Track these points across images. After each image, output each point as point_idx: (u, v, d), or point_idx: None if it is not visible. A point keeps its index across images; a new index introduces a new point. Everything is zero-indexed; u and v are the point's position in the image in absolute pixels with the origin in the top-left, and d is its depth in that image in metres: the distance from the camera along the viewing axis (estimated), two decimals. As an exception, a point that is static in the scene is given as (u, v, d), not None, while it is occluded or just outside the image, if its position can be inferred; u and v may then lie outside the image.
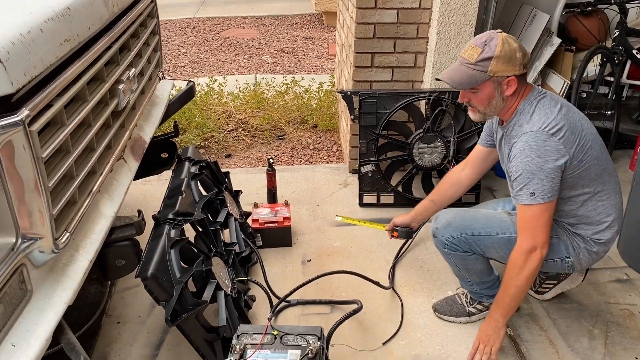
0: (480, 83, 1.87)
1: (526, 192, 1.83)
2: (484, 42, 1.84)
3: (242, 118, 4.12)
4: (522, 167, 1.83)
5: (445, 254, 2.13)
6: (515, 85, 1.87)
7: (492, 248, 2.06)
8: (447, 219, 2.08)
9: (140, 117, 2.41)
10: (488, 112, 1.95)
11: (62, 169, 1.43)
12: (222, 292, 2.05)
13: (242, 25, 7.65)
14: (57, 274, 1.50)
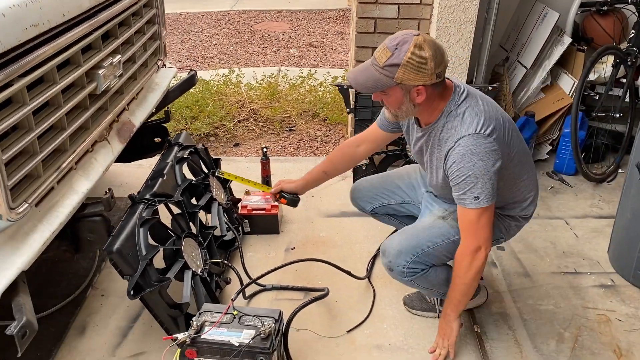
0: (387, 88, 1.78)
1: (470, 196, 1.80)
2: (395, 46, 1.72)
3: (254, 109, 4.22)
4: (466, 172, 1.79)
5: (408, 282, 2.07)
6: (425, 95, 1.78)
7: (443, 255, 2.05)
8: (395, 247, 2.02)
9: (133, 102, 2.54)
10: (400, 114, 1.89)
11: (18, 145, 1.54)
12: (189, 271, 2.15)
13: (275, 18, 7.76)
14: (16, 242, 1.62)
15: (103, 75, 2.05)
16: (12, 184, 1.54)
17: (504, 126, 1.88)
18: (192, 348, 1.90)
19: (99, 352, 2.17)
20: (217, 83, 4.56)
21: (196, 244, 2.29)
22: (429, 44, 1.73)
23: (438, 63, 1.75)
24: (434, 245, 2.01)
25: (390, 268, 2.04)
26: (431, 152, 1.96)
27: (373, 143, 2.28)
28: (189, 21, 7.57)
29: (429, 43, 1.74)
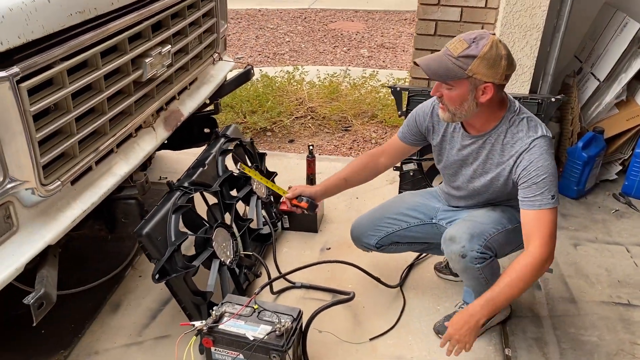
0: (456, 80, 1.77)
1: (548, 195, 1.79)
2: (473, 39, 1.75)
3: (312, 106, 4.22)
4: (545, 171, 1.80)
5: (476, 271, 1.97)
6: (491, 94, 1.77)
7: (504, 245, 2.01)
8: (467, 232, 1.93)
9: (184, 92, 2.61)
10: (458, 113, 1.85)
11: (54, 125, 1.62)
12: (217, 260, 2.18)
13: (351, 18, 7.75)
14: (47, 217, 1.71)
15: (150, 64, 2.11)
16: (46, 161, 1.62)
17: None
18: (209, 337, 1.93)
19: (127, 330, 2.25)
20: (280, 79, 4.60)
21: (228, 234, 2.32)
22: (503, 45, 1.77)
23: (509, 65, 1.78)
24: (499, 231, 1.97)
25: (462, 254, 1.92)
26: (485, 159, 1.96)
27: (393, 155, 2.25)
28: (266, 17, 7.72)
29: (504, 44, 1.78)
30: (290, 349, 1.92)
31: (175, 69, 2.37)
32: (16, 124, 1.48)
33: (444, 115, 1.89)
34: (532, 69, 2.97)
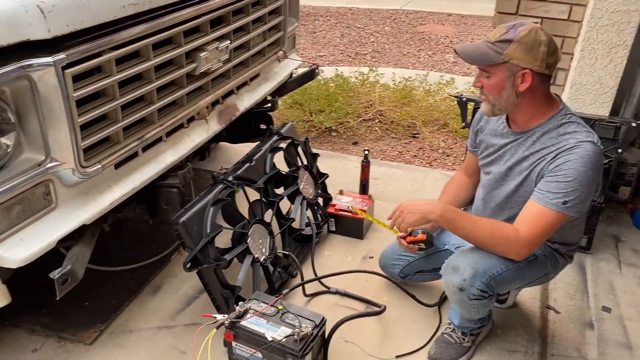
0: (492, 65, 1.71)
1: (561, 198, 1.70)
2: (512, 26, 1.70)
3: (382, 110, 4.15)
4: (575, 175, 1.69)
5: (470, 306, 1.89)
6: (530, 81, 1.70)
7: (507, 282, 1.90)
8: (472, 266, 1.83)
9: (244, 87, 2.65)
10: (497, 104, 1.78)
11: (97, 111, 1.70)
12: (251, 256, 2.19)
13: (442, 21, 7.54)
14: (86, 197, 1.80)
15: (205, 58, 2.16)
16: (87, 145, 1.70)
17: None
18: (230, 331, 1.95)
19: (162, 313, 2.33)
20: (354, 80, 4.57)
21: (266, 232, 2.33)
22: (545, 33, 1.71)
23: (551, 52, 1.70)
24: (505, 269, 1.85)
25: (461, 288, 1.83)
26: (521, 159, 1.85)
27: (472, 171, 2.18)
28: (355, 16, 7.70)
29: (546, 33, 1.71)
30: (307, 354, 1.90)
31: (233, 64, 2.41)
32: (59, 108, 1.57)
33: (485, 108, 1.83)
34: (614, 89, 2.73)
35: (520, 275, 1.91)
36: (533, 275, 1.94)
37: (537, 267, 1.93)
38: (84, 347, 2.15)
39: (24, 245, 1.58)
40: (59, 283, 1.63)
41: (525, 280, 1.96)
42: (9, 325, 2.23)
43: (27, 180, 1.57)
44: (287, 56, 3.02)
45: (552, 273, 2.00)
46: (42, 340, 2.18)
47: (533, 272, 1.93)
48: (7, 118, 1.51)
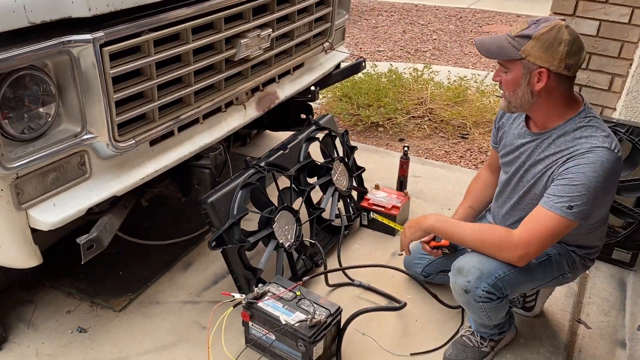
0: (509, 60, 1.67)
1: (565, 203, 1.64)
2: (535, 21, 1.65)
3: (432, 108, 4.09)
4: (583, 180, 1.63)
5: (478, 308, 1.85)
6: (545, 83, 1.64)
7: (519, 284, 1.85)
8: (477, 267, 1.80)
9: (286, 76, 2.69)
10: (512, 100, 1.74)
11: (133, 89, 1.78)
12: (275, 241, 2.23)
13: (510, 22, 7.30)
14: (120, 171, 1.89)
15: (245, 45, 2.21)
16: (121, 121, 1.79)
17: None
18: (247, 311, 2.00)
19: (189, 288, 2.41)
20: (407, 76, 4.52)
21: (293, 219, 2.36)
22: (570, 31, 1.64)
23: (572, 53, 1.63)
24: (514, 270, 1.80)
25: (466, 289, 1.81)
26: (535, 162, 1.80)
27: (498, 166, 2.11)
28: (420, 13, 7.59)
29: (571, 31, 1.64)
30: (319, 341, 1.93)
31: (274, 53, 2.45)
32: (96, 84, 1.66)
33: (502, 103, 1.80)
34: (675, 100, 2.57)
35: (532, 277, 1.86)
36: (547, 275, 1.88)
37: (550, 267, 1.87)
38: (113, 313, 2.27)
39: (56, 210, 1.69)
40: (84, 248, 1.73)
41: (539, 281, 1.90)
42: (49, 287, 2.39)
43: (64, 150, 1.67)
44: (333, 48, 3.03)
45: (570, 274, 1.93)
46: (77, 303, 2.31)
47: (547, 272, 1.87)
48: (48, 90, 1.62)
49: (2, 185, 1.55)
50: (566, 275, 1.93)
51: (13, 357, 2.05)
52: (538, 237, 1.68)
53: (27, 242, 1.68)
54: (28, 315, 2.24)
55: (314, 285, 2.40)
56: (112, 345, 2.11)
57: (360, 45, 6.24)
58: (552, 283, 1.95)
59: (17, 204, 1.61)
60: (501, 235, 1.76)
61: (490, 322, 1.92)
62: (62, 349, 2.09)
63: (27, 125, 1.59)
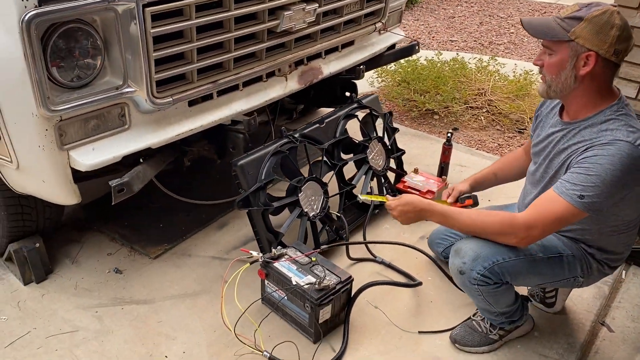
0: (557, 41, 1.64)
1: (577, 192, 1.61)
2: (587, 4, 1.63)
3: (492, 99, 4.00)
4: (599, 171, 1.59)
5: (475, 291, 1.85)
6: (593, 65, 1.61)
7: (521, 274, 1.81)
8: (474, 249, 1.80)
9: (334, 53, 2.75)
10: (553, 85, 1.70)
11: (172, 49, 1.91)
12: (299, 209, 2.32)
13: (599, 20, 6.92)
14: (158, 125, 2.04)
15: (289, 17, 2.29)
16: (160, 78, 1.93)
17: None
18: (263, 270, 2.11)
19: (220, 246, 2.56)
20: (472, 66, 4.43)
21: (321, 190, 2.44)
22: (622, 17, 1.62)
23: (622, 39, 1.61)
24: (516, 257, 1.79)
25: (461, 271, 1.83)
26: (559, 151, 1.78)
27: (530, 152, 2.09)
28: (502, 6, 7.35)
29: (622, 17, 1.62)
30: (326, 305, 2.00)
31: (320, 28, 2.51)
32: (138, 42, 1.80)
33: (541, 88, 1.76)
34: None
35: (538, 271, 1.82)
36: (555, 274, 1.84)
37: (560, 267, 1.83)
38: (148, 260, 2.45)
39: (94, 153, 1.86)
40: (114, 190, 1.90)
41: (546, 278, 1.86)
42: (96, 231, 2.62)
43: (105, 100, 1.83)
44: (387, 29, 3.05)
45: (582, 278, 1.87)
46: (117, 247, 2.52)
47: (555, 270, 1.83)
48: (95, 44, 1.78)
49: (47, 125, 1.73)
50: (577, 279, 1.87)
51: (55, 287, 2.28)
52: (543, 220, 1.66)
53: (67, 180, 1.87)
54: (74, 253, 2.47)
55: (336, 259, 2.46)
56: (142, 287, 2.30)
57: (433, 34, 6.16)
58: (562, 284, 1.91)
59: (60, 145, 1.79)
60: (504, 218, 1.75)
61: (493, 308, 1.91)
62: (98, 285, 2.29)
63: (75, 74, 1.76)
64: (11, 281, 2.29)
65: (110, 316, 2.14)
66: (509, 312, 1.96)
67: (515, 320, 2.02)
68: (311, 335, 2.05)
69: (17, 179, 1.95)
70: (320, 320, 2.01)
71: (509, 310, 1.95)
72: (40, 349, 1.99)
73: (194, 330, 2.10)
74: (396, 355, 2.03)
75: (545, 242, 1.83)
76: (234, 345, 2.01)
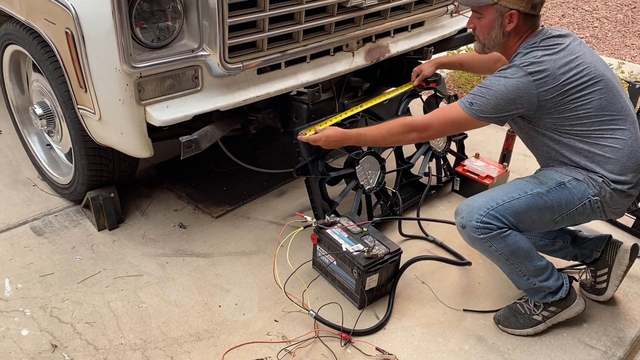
0: (483, 6, 1.89)
1: (470, 99, 1.88)
2: None
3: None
4: (490, 84, 1.84)
5: (483, 243, 1.87)
6: (516, 21, 1.87)
7: (524, 213, 1.86)
8: (468, 203, 1.93)
9: (402, 33, 2.78)
10: (487, 43, 1.97)
11: (245, 17, 2.02)
12: (355, 182, 2.39)
13: (694, 18, 6.49)
14: (227, 90, 2.16)
15: (359, -7, 2.34)
16: (233, 44, 2.04)
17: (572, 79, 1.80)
18: (316, 235, 2.20)
19: (277, 212, 2.68)
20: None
21: (379, 165, 2.49)
22: None
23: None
24: (510, 199, 1.86)
25: (462, 225, 1.90)
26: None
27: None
28: (588, -1, 7.05)
29: None
30: (373, 273, 2.07)
31: (390, 6, 2.54)
32: (214, 8, 1.91)
33: (476, 46, 2.01)
34: None
35: (543, 204, 1.86)
36: (565, 203, 1.86)
37: (568, 194, 1.86)
38: (210, 218, 2.61)
39: (168, 111, 2.00)
40: (184, 146, 2.03)
41: (555, 210, 1.87)
42: (166, 188, 2.80)
43: (181, 61, 1.96)
44: (459, 12, 3.03)
45: (596, 197, 1.87)
46: (184, 204, 2.69)
47: (563, 199, 1.86)
48: (176, 8, 1.91)
49: (128, 81, 1.89)
50: (593, 201, 1.87)
51: (125, 234, 2.47)
52: (439, 121, 1.96)
53: (142, 134, 2.02)
54: (144, 206, 2.66)
55: (388, 234, 2.50)
56: (202, 242, 2.45)
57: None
58: (580, 213, 1.89)
59: (138, 100, 1.94)
60: (405, 120, 2.04)
61: (517, 268, 1.92)
62: (163, 237, 2.47)
63: (155, 35, 1.90)
64: (87, 226, 2.50)
65: (172, 265, 2.30)
66: (539, 271, 1.93)
67: (554, 292, 1.97)
68: (357, 301, 2.12)
69: (98, 130, 2.13)
70: (366, 287, 2.08)
71: (538, 268, 1.92)
72: (108, 287, 2.18)
73: (247, 285, 2.22)
74: (438, 329, 2.07)
75: (542, 178, 1.91)
76: (283, 303, 2.11)
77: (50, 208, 2.60)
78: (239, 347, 1.94)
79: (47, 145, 2.78)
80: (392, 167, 2.64)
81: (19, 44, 2.38)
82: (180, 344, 1.95)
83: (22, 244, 2.38)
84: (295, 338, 1.98)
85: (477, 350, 1.99)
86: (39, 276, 2.21)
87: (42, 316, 2.03)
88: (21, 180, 2.81)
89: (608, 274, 2.11)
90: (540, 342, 2.03)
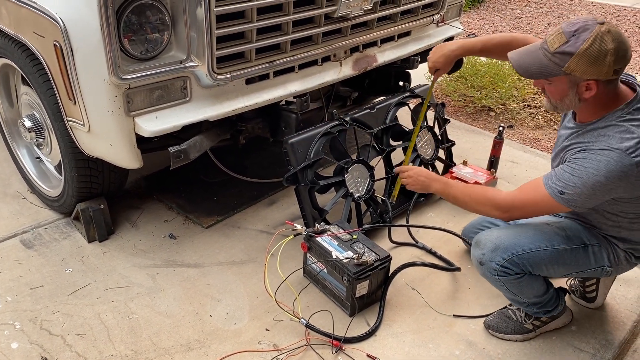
0: (553, 77, 1.63)
1: (560, 187, 1.68)
2: (573, 32, 1.56)
3: (551, 99, 3.94)
4: (582, 174, 1.64)
5: (497, 281, 1.87)
6: (595, 91, 1.61)
7: (543, 264, 1.82)
8: (493, 241, 1.84)
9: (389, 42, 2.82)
10: (560, 106, 1.73)
11: (232, 28, 2.04)
12: (345, 189, 2.41)
13: (676, 25, 6.60)
14: (216, 100, 2.18)
15: (346, 4, 2.38)
16: (220, 55, 2.06)
17: None
18: (306, 243, 2.21)
19: (268, 221, 2.68)
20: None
21: (367, 173, 2.51)
22: (613, 35, 1.55)
23: (619, 59, 1.56)
24: (537, 249, 1.81)
25: (481, 262, 1.87)
26: (563, 148, 1.79)
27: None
28: (573, 8, 7.16)
29: (614, 35, 1.55)
30: (364, 280, 2.08)
31: (376, 16, 2.58)
32: (202, 19, 1.94)
33: (547, 105, 1.78)
34: None
35: (560, 261, 1.83)
36: (581, 264, 1.84)
37: (586, 257, 1.84)
38: (201, 228, 2.61)
39: (157, 121, 2.02)
40: (173, 157, 2.05)
41: (571, 268, 1.86)
42: (156, 199, 2.80)
43: (170, 72, 1.98)
44: (445, 21, 3.08)
45: (610, 268, 1.86)
46: (174, 215, 2.69)
47: (581, 261, 1.84)
48: (164, 20, 1.93)
49: (117, 92, 1.90)
50: (605, 269, 1.87)
51: (115, 246, 2.47)
52: (523, 204, 1.77)
53: (132, 145, 2.03)
54: (134, 217, 2.66)
55: (378, 241, 2.51)
56: (193, 252, 2.45)
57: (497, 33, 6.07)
58: (589, 273, 1.90)
59: (127, 111, 1.95)
60: (492, 194, 1.86)
61: (520, 299, 1.93)
62: (154, 248, 2.47)
63: (144, 47, 1.92)
64: (77, 238, 2.50)
65: (163, 276, 2.30)
66: (539, 302, 1.96)
67: (550, 311, 2.02)
68: (347, 309, 2.13)
69: (88, 142, 2.14)
70: (357, 295, 2.09)
71: (540, 300, 1.95)
72: (99, 299, 2.18)
73: (238, 294, 2.23)
74: (429, 335, 2.08)
75: (570, 233, 1.85)
76: (274, 311, 2.12)
77: (39, 221, 2.60)
78: (231, 357, 1.94)
79: (37, 158, 2.78)
80: (381, 174, 2.66)
81: (7, 57, 2.39)
82: (172, 355, 1.95)
83: (12, 257, 2.37)
84: (286, 346, 1.99)
85: (467, 355, 2.00)
86: (29, 289, 2.21)
87: (32, 329, 2.03)
88: (10, 193, 2.80)
89: (596, 284, 2.14)
90: (530, 346, 2.05)
